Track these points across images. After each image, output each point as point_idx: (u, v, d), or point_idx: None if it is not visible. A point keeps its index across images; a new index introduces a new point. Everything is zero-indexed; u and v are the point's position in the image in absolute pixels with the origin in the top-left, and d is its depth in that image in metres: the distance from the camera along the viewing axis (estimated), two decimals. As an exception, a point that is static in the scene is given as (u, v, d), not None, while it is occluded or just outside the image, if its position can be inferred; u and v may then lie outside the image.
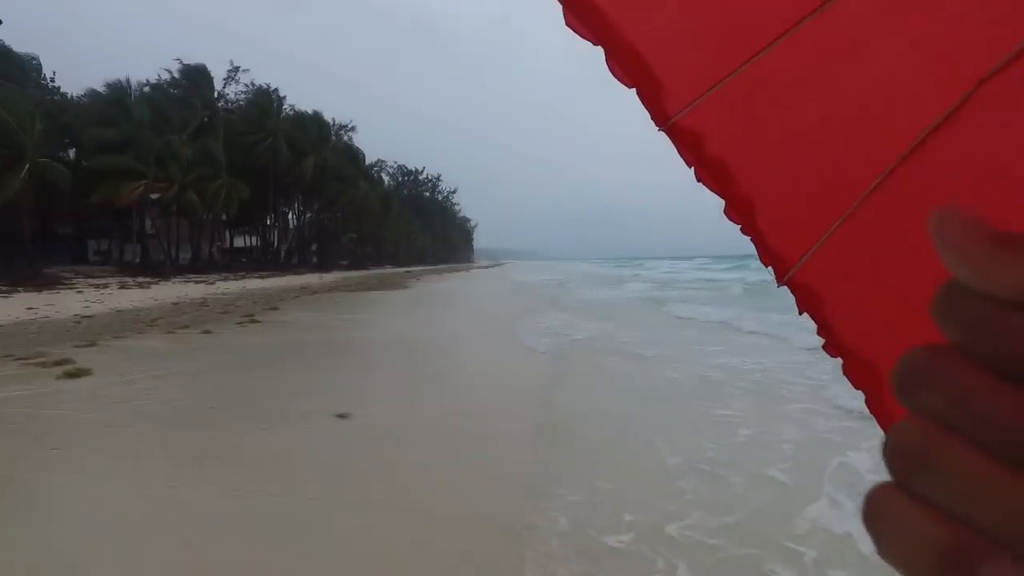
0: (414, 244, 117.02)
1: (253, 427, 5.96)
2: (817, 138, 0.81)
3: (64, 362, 8.99)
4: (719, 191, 0.83)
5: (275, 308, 19.26)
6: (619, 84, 0.78)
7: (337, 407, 6.39)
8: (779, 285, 0.88)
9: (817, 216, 0.83)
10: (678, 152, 0.82)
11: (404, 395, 7.41)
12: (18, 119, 28.04)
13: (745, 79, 0.76)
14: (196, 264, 47.88)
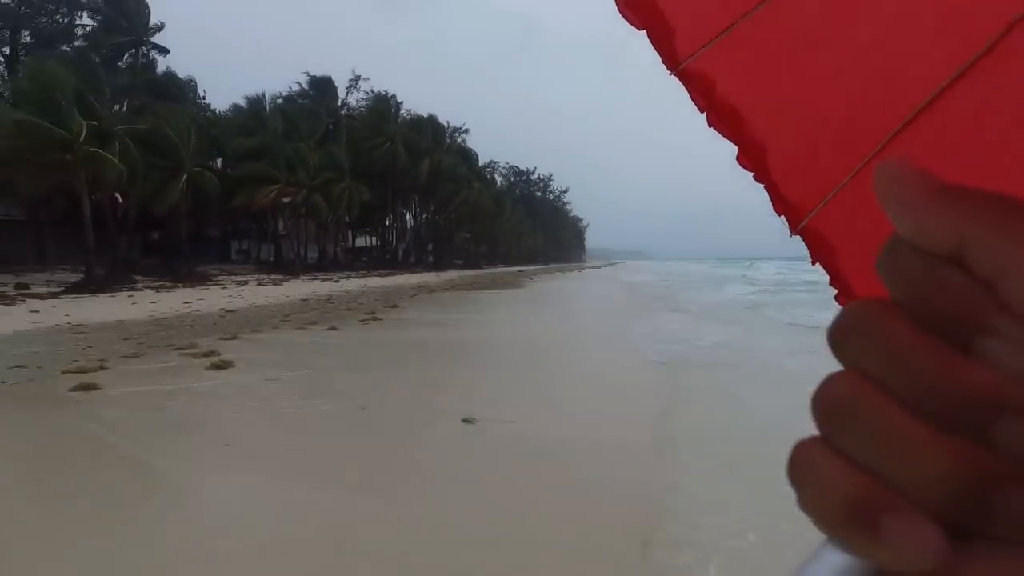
0: (526, 244, 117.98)
1: (382, 429, 5.92)
2: (832, 85, 0.80)
3: (211, 353, 9.60)
4: (731, 137, 0.82)
5: (395, 306, 19.83)
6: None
7: (462, 410, 6.23)
8: (792, 235, 0.87)
9: (831, 164, 0.82)
10: (690, 97, 0.81)
11: (525, 400, 7.14)
12: (179, 134, 31.06)
13: (757, 23, 0.74)
14: (322, 263, 50.87)
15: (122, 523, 3.80)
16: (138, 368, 8.67)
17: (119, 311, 17.48)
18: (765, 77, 0.82)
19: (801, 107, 0.82)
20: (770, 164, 0.83)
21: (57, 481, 4.70)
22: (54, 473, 4.94)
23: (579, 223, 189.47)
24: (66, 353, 10.16)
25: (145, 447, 5.32)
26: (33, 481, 4.77)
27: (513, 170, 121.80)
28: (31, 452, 5.53)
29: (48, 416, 6.52)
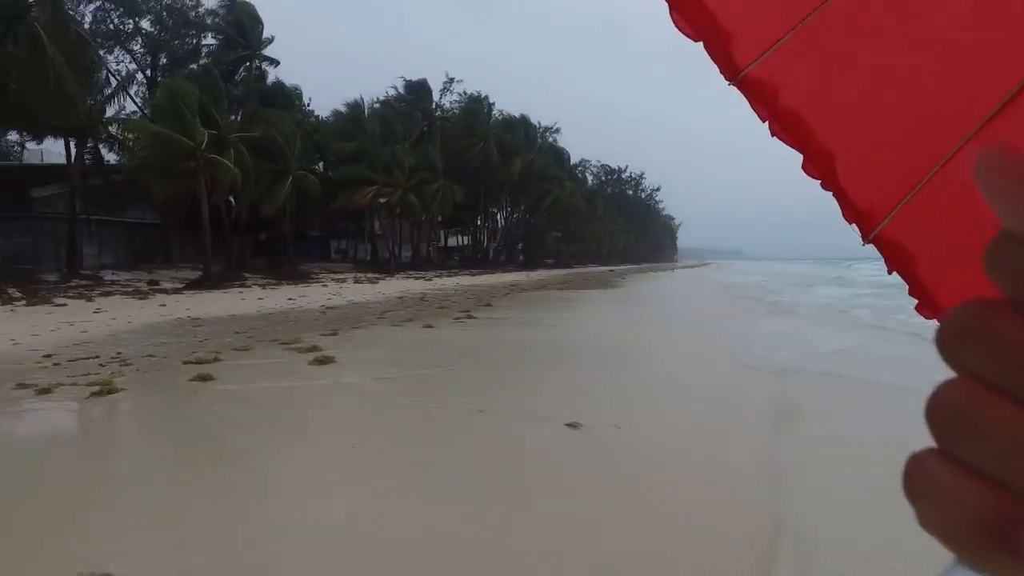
0: (617, 243, 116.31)
1: (484, 435, 5.81)
2: (902, 86, 0.78)
3: (314, 349, 9.94)
4: (796, 145, 0.81)
5: (488, 305, 19.94)
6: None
7: (565, 414, 6.02)
8: (864, 243, 0.86)
9: (904, 169, 0.79)
10: (750, 106, 0.80)
11: (628, 405, 6.80)
12: (286, 139, 32.93)
13: (819, 25, 0.73)
14: (415, 261, 52.30)
15: (223, 515, 3.88)
16: (247, 363, 9.08)
17: (231, 306, 18.63)
18: (830, 81, 0.79)
19: (870, 111, 0.79)
20: (838, 171, 0.81)
21: (176, 465, 4.93)
22: (176, 457, 5.20)
23: (671, 222, 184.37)
24: (187, 345, 10.86)
25: (252, 441, 5.49)
26: (159, 461, 5.04)
27: (604, 169, 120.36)
28: (158, 437, 5.89)
29: (173, 404, 6.92)
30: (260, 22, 39.40)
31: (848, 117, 0.80)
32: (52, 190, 36.75)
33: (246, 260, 35.94)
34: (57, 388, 7.27)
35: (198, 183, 26.91)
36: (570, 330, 14.35)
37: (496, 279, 42.29)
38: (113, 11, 35.59)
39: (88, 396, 6.90)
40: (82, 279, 26.14)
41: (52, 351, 9.98)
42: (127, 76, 34.20)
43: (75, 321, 14.02)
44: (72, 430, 6.07)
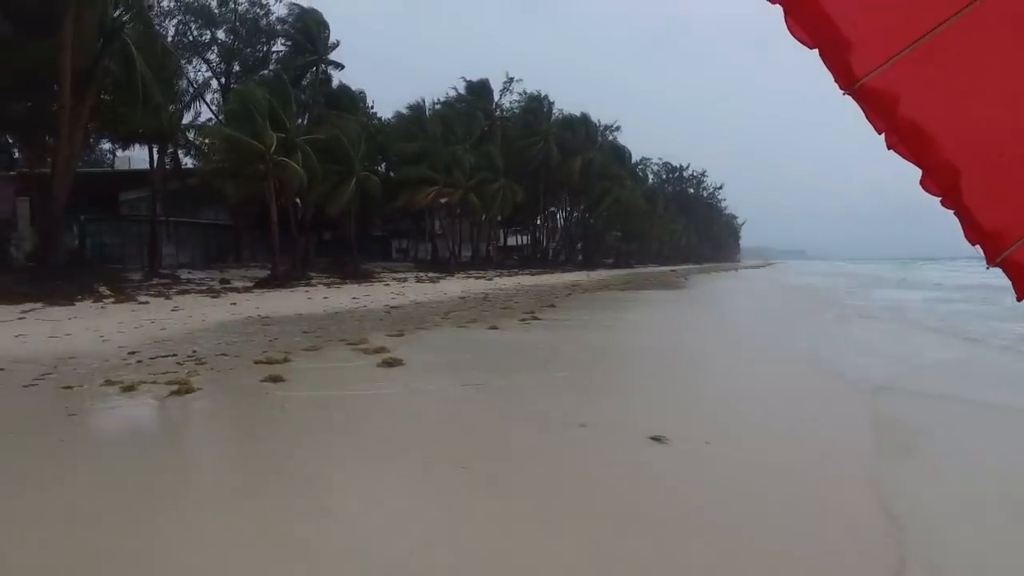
0: (678, 242, 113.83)
1: (557, 446, 5.50)
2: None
3: (381, 350, 9.87)
4: (915, 159, 0.78)
5: (552, 306, 19.60)
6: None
7: (648, 426, 5.62)
8: (989, 266, 0.83)
9: None
10: (866, 117, 0.78)
11: (714, 417, 6.32)
12: (350, 141, 33.58)
13: (950, 35, 0.68)
14: (475, 261, 52.49)
15: (286, 530, 3.70)
16: (316, 365, 9.06)
17: (298, 305, 18.99)
18: (958, 93, 0.74)
19: (1002, 125, 0.73)
20: (963, 188, 0.77)
21: (244, 472, 4.85)
22: (245, 463, 5.12)
23: (734, 221, 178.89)
24: (257, 344, 11.01)
25: (320, 451, 5.36)
26: (229, 467, 4.99)
27: (665, 167, 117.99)
28: (229, 441, 5.86)
29: (244, 406, 6.93)
30: (326, 27, 40.34)
31: (977, 134, 0.75)
32: (137, 194, 38.84)
33: (311, 259, 36.87)
34: (140, 386, 7.40)
35: (267, 185, 27.72)
36: (638, 332, 13.86)
37: (556, 279, 41.91)
38: (192, 23, 37.21)
39: (167, 395, 6.99)
40: (162, 278, 27.34)
41: (135, 348, 10.30)
42: (203, 84, 35.66)
43: (156, 319, 14.54)
44: (152, 430, 6.13)
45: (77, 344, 10.81)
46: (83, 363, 9.00)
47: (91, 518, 3.87)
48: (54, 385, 7.62)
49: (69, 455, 5.20)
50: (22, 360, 9.24)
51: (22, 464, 4.96)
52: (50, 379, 7.96)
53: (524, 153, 55.58)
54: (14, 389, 7.37)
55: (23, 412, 6.47)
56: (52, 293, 18.00)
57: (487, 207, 48.66)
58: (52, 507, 4.07)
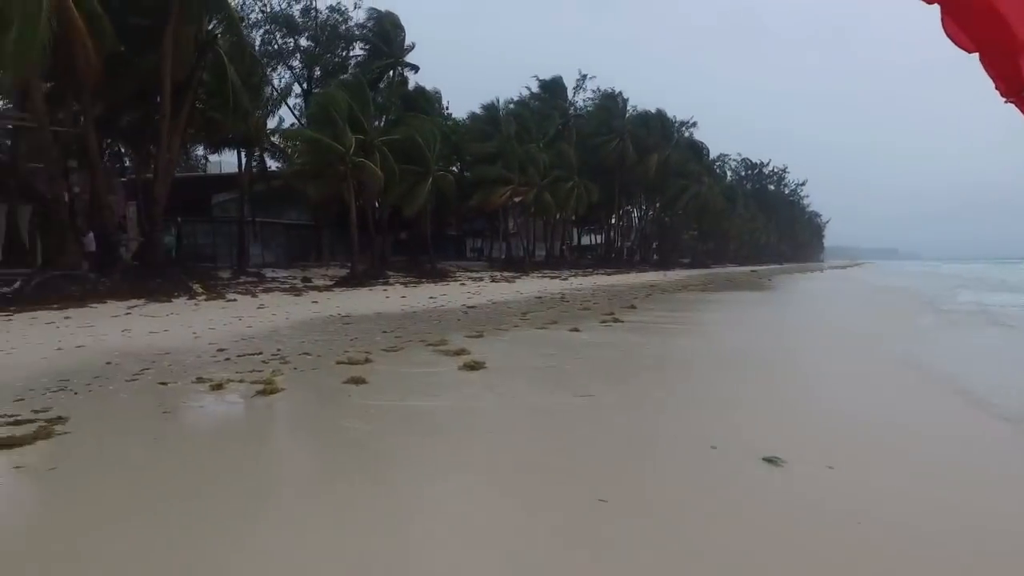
0: (757, 241, 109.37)
1: (659, 463, 4.99)
2: None
3: (462, 352, 9.60)
4: None
5: (632, 307, 18.90)
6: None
7: (759, 445, 5.02)
8: None
9: None
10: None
11: (831, 440, 5.54)
12: (426, 141, 33.90)
13: None
14: (549, 260, 52.10)
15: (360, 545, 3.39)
16: (397, 367, 8.86)
17: (376, 304, 19.17)
18: None
19: None
20: None
21: (324, 479, 4.62)
22: (326, 469, 4.91)
23: (817, 218, 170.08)
24: (339, 343, 11.01)
25: (401, 459, 5.08)
26: (311, 471, 4.79)
27: (745, 163, 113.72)
28: (312, 445, 5.70)
29: (327, 408, 6.79)
30: (402, 29, 40.98)
31: None
32: (227, 196, 40.90)
33: (387, 258, 37.55)
34: (227, 384, 7.43)
35: (347, 185, 28.34)
36: (730, 337, 13.00)
37: (632, 279, 40.89)
38: (277, 32, 38.68)
39: (253, 395, 6.95)
40: (248, 276, 28.48)
41: (224, 345, 10.50)
42: (285, 89, 36.96)
43: (242, 316, 14.96)
44: (237, 431, 6.05)
45: (173, 340, 11.16)
46: (177, 359, 9.21)
47: (178, 520, 3.72)
48: (151, 380, 7.77)
49: (161, 453, 5.16)
50: (128, 354, 9.57)
51: (121, 461, 4.95)
52: (148, 374, 8.14)
53: (599, 151, 54.68)
54: (120, 384, 7.57)
55: (125, 409, 6.58)
56: (153, 291, 19.00)
57: (561, 206, 48.15)
58: (144, 505, 3.97)
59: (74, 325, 12.81)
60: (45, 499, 4.37)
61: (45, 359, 9.14)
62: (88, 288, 17.48)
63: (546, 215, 50.10)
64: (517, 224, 52.15)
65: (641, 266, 60.93)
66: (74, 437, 5.48)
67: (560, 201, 47.32)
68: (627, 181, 59.04)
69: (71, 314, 14.49)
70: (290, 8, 38.60)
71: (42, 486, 4.56)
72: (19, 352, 9.67)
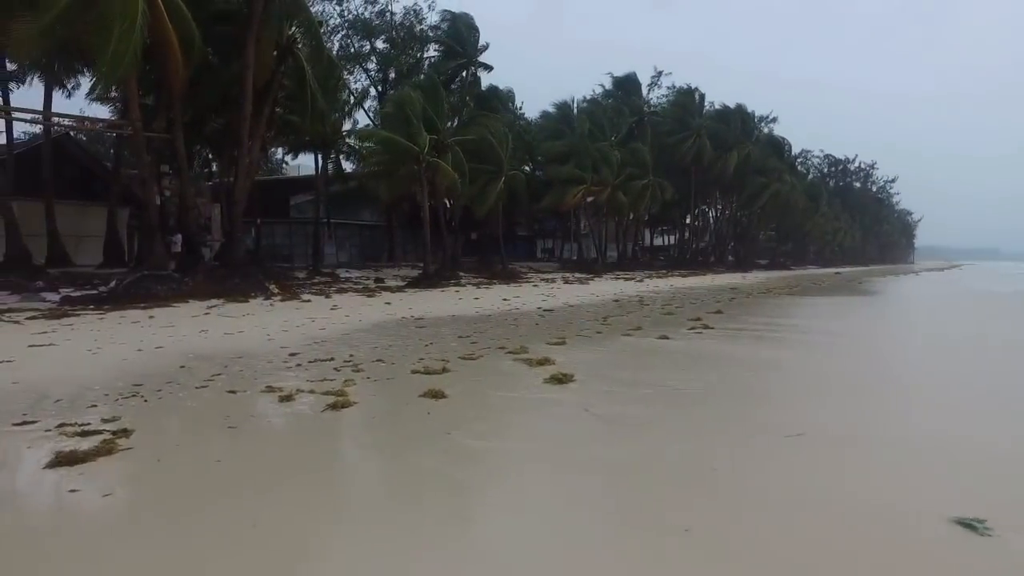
0: (841, 241, 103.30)
1: (814, 520, 4.01)
2: None
3: (545, 362, 8.81)
4: None
5: (718, 312, 17.57)
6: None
7: (946, 501, 3.93)
8: None
9: None
10: None
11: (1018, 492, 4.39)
12: (499, 141, 33.38)
13: None
14: (621, 261, 50.65)
15: None
16: (477, 378, 8.14)
17: (450, 305, 18.68)
18: None
19: None
20: None
21: (396, 507, 3.92)
22: (400, 495, 4.23)
23: (908, 217, 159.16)
24: (413, 348, 10.46)
25: (486, 491, 4.32)
26: (382, 496, 4.12)
27: (828, 159, 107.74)
28: (385, 468, 5.05)
29: (404, 425, 6.14)
30: (476, 30, 40.67)
31: None
32: (305, 197, 41.93)
33: (459, 259, 37.32)
34: (297, 395, 6.94)
35: (419, 185, 28.13)
36: (847, 351, 11.55)
37: (710, 281, 38.99)
38: (354, 35, 39.19)
39: (323, 409, 6.40)
40: (323, 276, 28.76)
41: (296, 349, 10.15)
42: (362, 92, 37.33)
43: (316, 318, 14.74)
44: (305, 451, 5.47)
45: (247, 342, 10.93)
46: (249, 363, 8.87)
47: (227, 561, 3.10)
48: (221, 388, 7.39)
49: (220, 477, 4.63)
50: (202, 356, 9.35)
51: (178, 489, 4.44)
52: (219, 380, 7.79)
53: (674, 149, 52.70)
54: (189, 391, 7.23)
55: (192, 421, 6.16)
56: (231, 291, 19.25)
57: (634, 205, 46.64)
58: (202, 535, 3.39)
59: (157, 325, 12.88)
60: (93, 535, 3.87)
61: (125, 360, 9.01)
62: (173, 288, 17.82)
63: (619, 214, 48.66)
64: (589, 224, 51.00)
65: (717, 267, 58.38)
66: (136, 455, 5.05)
67: (633, 200, 45.81)
68: (704, 180, 56.70)
69: (156, 313, 14.68)
70: (366, 12, 39.04)
71: (93, 518, 4.09)
72: (104, 352, 9.62)
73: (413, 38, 40.55)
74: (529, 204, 43.08)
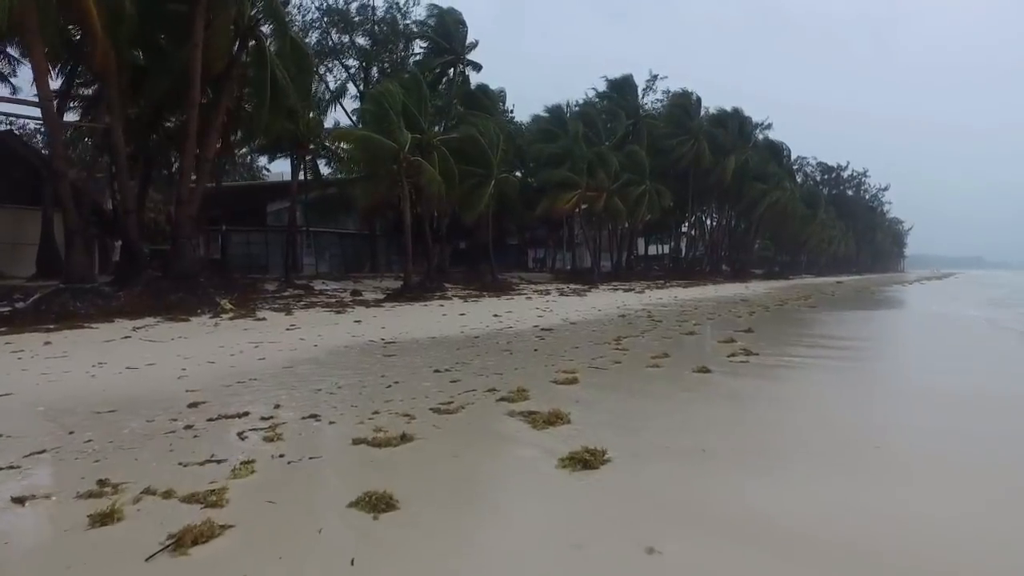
0: (836, 250, 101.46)
1: None
2: None
3: (556, 419, 5.96)
4: None
5: (749, 330, 14.74)
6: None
7: None
8: None
9: None
10: None
11: None
12: (489, 142, 30.70)
13: None
14: (616, 271, 48.07)
15: None
16: (454, 462, 5.26)
17: (431, 323, 15.88)
18: None
19: None
20: None
21: None
22: None
23: (898, 225, 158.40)
24: (370, 391, 7.65)
25: None
26: None
27: (821, 167, 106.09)
28: None
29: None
30: (464, 26, 38.14)
31: None
32: (282, 204, 38.98)
33: (446, 269, 34.55)
34: (120, 512, 3.99)
35: (400, 188, 25.31)
36: (963, 389, 8.84)
37: (713, 292, 36.40)
38: (332, 28, 36.45)
39: (159, 549, 3.50)
40: (296, 288, 25.87)
41: (208, 394, 7.29)
42: (339, 88, 34.54)
43: (262, 342, 11.89)
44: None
45: (145, 382, 8.09)
46: (113, 426, 6.00)
47: None
48: (31, 485, 4.53)
49: None
50: (58, 410, 6.53)
51: None
52: (46, 456, 4.96)
53: (671, 154, 50.25)
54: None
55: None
56: (173, 306, 16.34)
57: (632, 212, 44.03)
58: None
59: (44, 355, 9.97)
60: None
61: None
62: (98, 304, 14.90)
63: (616, 221, 46.05)
64: (583, 232, 48.40)
65: (713, 277, 55.88)
66: None
67: (631, 206, 43.20)
68: (701, 186, 54.33)
69: (58, 338, 11.73)
70: (347, 5, 36.35)
71: None
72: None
73: (397, 34, 37.86)
74: (521, 211, 40.39)
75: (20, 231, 25.22)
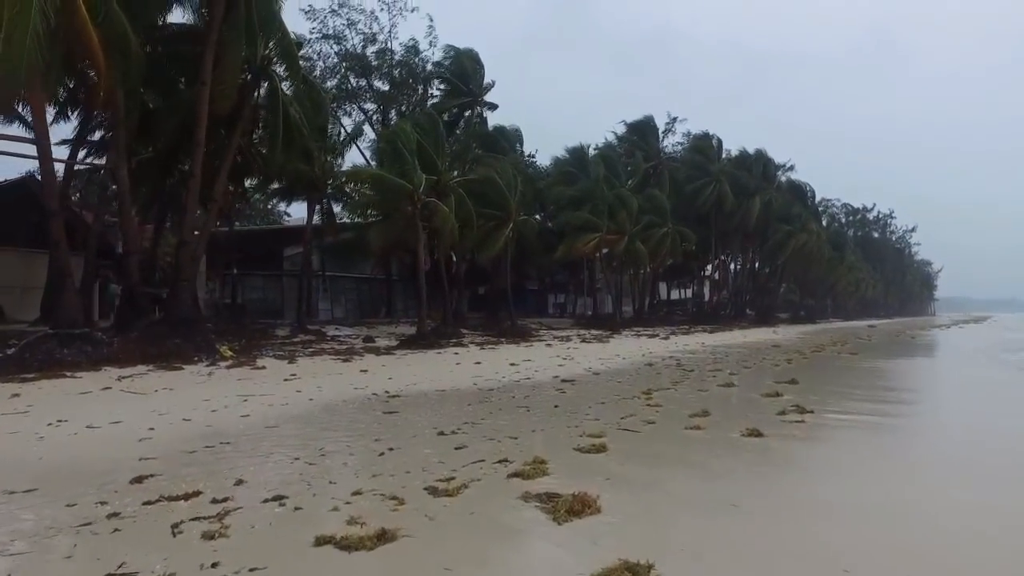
0: (864, 294, 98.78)
1: None
2: None
3: (583, 508, 4.64)
4: None
5: (792, 382, 13.27)
6: None
7: None
8: None
9: None
10: None
11: None
12: (507, 183, 29.96)
13: None
14: (638, 317, 46.54)
15: None
16: (439, 564, 4.01)
17: (443, 374, 14.64)
18: None
19: None
20: None
21: None
22: None
23: (927, 267, 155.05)
24: (357, 461, 6.42)
25: None
26: None
27: (846, 208, 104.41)
28: None
29: None
30: (481, 66, 38.09)
31: None
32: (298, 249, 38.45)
33: (463, 314, 33.43)
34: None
35: (414, 230, 24.43)
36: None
37: (742, 338, 34.71)
38: (351, 73, 36.43)
39: None
40: (308, 333, 24.87)
41: (158, 466, 6.09)
42: (355, 129, 34.22)
43: (253, 395, 10.74)
44: None
45: (105, 443, 6.95)
46: (36, 502, 4.82)
47: None
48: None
49: None
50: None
51: None
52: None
53: (694, 197, 49.20)
54: None
55: None
56: (169, 353, 15.34)
57: (653, 255, 42.77)
58: None
59: (5, 409, 8.91)
60: None
61: None
62: (88, 351, 13.93)
63: (638, 265, 44.76)
64: (605, 276, 47.14)
65: (739, 322, 54.02)
66: None
67: (652, 249, 41.96)
68: (724, 229, 53.04)
69: (26, 391, 10.67)
70: (364, 49, 36.41)
71: None
72: None
73: (414, 76, 37.78)
74: (540, 255, 39.37)
75: (31, 275, 24.70)
